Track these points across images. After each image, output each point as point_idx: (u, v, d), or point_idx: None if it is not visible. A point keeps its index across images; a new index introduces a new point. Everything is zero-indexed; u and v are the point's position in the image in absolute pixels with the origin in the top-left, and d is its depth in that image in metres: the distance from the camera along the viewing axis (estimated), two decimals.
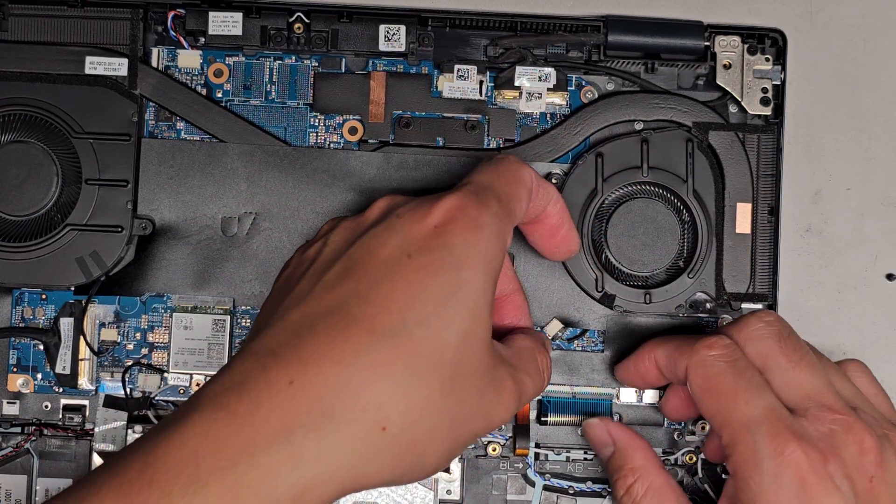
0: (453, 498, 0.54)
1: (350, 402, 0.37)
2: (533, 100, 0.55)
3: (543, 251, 0.50)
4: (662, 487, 0.48)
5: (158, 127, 0.55)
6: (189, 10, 0.54)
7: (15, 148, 0.53)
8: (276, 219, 0.54)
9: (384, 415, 0.38)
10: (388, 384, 0.38)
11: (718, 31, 0.54)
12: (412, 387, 0.38)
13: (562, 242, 0.49)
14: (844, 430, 0.44)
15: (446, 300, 0.39)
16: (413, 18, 0.54)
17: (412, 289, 0.39)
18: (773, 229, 0.54)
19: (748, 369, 0.46)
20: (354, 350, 0.38)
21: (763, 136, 0.54)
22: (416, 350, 0.39)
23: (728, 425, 0.45)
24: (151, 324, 0.54)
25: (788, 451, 0.43)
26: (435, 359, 0.39)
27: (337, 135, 0.55)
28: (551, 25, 0.54)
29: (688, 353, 0.47)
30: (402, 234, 0.41)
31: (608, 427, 0.51)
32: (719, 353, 0.46)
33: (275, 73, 0.55)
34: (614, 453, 0.50)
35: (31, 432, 0.54)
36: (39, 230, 0.53)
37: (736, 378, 0.45)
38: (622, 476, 0.49)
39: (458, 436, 0.41)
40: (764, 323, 0.47)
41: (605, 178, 0.54)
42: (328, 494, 0.37)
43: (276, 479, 0.36)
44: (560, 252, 0.49)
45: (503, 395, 0.42)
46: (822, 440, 0.43)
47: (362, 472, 0.38)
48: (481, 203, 0.42)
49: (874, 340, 0.54)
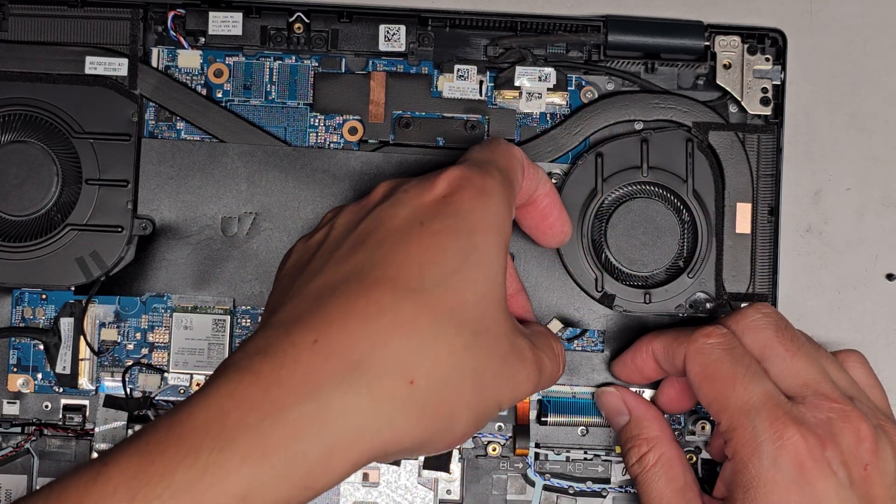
0: (453, 498, 0.54)
1: (376, 356, 0.37)
2: (533, 100, 0.55)
3: (537, 236, 0.50)
4: (673, 459, 0.49)
5: (158, 127, 0.55)
6: (189, 10, 0.54)
7: (15, 148, 0.53)
8: (276, 219, 0.54)
9: (411, 368, 0.38)
10: (414, 338, 0.38)
11: (718, 30, 0.54)
12: (438, 340, 0.38)
13: (554, 225, 0.49)
14: (841, 418, 0.44)
15: (463, 262, 0.40)
16: (413, 18, 0.54)
17: (429, 252, 0.40)
18: (773, 229, 0.54)
19: (746, 357, 0.46)
20: (378, 307, 0.38)
21: (763, 136, 0.54)
22: (439, 306, 0.39)
23: (726, 410, 0.45)
24: (151, 324, 0.54)
25: (787, 436, 0.43)
26: (458, 316, 0.39)
27: (337, 135, 0.55)
28: (551, 25, 0.54)
29: (686, 343, 0.47)
30: (411, 205, 0.42)
31: (624, 396, 0.52)
32: (717, 341, 0.47)
33: (275, 73, 0.55)
34: (629, 422, 0.51)
35: (31, 432, 0.54)
36: (39, 230, 0.53)
37: (734, 364, 0.46)
38: (636, 445, 0.50)
39: (484, 400, 0.40)
40: (762, 314, 0.48)
41: (604, 178, 0.54)
42: (358, 452, 0.37)
43: (305, 436, 0.36)
44: (553, 235, 0.50)
45: (525, 363, 0.43)
46: (819, 427, 0.44)
47: (390, 430, 0.38)
48: (485, 173, 0.43)
49: (874, 340, 0.54)
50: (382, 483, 0.53)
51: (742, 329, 0.48)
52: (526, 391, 0.43)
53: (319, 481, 0.37)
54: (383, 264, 0.40)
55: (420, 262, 0.39)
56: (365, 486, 0.53)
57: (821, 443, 0.44)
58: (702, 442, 0.54)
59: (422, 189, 0.42)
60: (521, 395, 0.43)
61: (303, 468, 0.36)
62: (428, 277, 0.39)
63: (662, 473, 0.48)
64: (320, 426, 0.36)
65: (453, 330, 0.39)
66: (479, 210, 0.41)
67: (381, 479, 0.53)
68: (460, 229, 0.41)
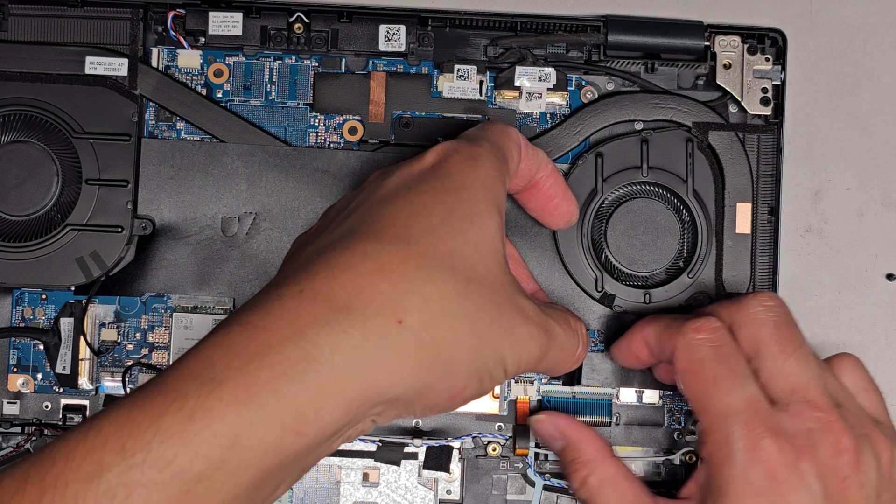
0: (453, 498, 0.54)
1: (363, 297, 0.37)
2: (533, 100, 0.55)
3: (543, 218, 0.50)
4: (616, 476, 0.48)
5: (158, 127, 0.55)
6: (189, 10, 0.54)
7: (15, 148, 0.53)
8: (276, 219, 0.54)
9: (400, 308, 0.37)
10: (401, 281, 0.38)
11: (718, 31, 0.54)
12: (426, 283, 0.38)
13: (560, 206, 0.49)
14: (823, 429, 0.44)
15: (449, 216, 0.40)
16: (413, 18, 0.54)
17: (414, 207, 0.40)
18: (773, 229, 0.54)
19: (733, 357, 0.45)
20: (361, 255, 0.38)
21: (763, 136, 0.54)
22: (426, 253, 0.39)
23: (706, 412, 0.44)
24: (152, 324, 0.54)
25: (761, 445, 0.43)
26: (447, 261, 0.39)
27: (337, 135, 0.55)
28: (551, 25, 0.54)
29: (676, 334, 0.46)
30: (400, 175, 0.43)
31: (555, 421, 0.50)
32: (705, 337, 0.46)
33: (275, 73, 0.55)
34: (566, 447, 0.50)
35: (31, 432, 0.54)
36: (39, 230, 0.53)
37: (719, 364, 0.45)
38: (576, 469, 0.49)
39: (483, 346, 0.40)
40: (764, 308, 0.46)
41: (604, 177, 0.54)
42: (350, 394, 0.36)
43: (292, 376, 0.35)
44: (560, 216, 0.49)
45: (526, 319, 0.42)
46: (798, 437, 0.43)
47: (383, 370, 0.37)
48: (474, 143, 0.43)
49: (874, 340, 0.54)
50: (382, 483, 0.53)
51: (740, 320, 0.46)
52: (531, 350, 0.42)
53: (311, 426, 0.36)
54: (368, 222, 0.40)
55: (406, 216, 0.40)
56: (365, 486, 0.53)
57: (797, 454, 0.43)
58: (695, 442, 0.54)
59: (411, 162, 0.43)
60: (525, 354, 0.42)
61: (291, 410, 0.35)
62: (414, 227, 0.39)
63: (610, 493, 0.47)
64: (307, 366, 0.36)
65: (444, 274, 0.39)
66: (467, 171, 0.42)
67: (381, 479, 0.53)
68: (447, 188, 0.41)
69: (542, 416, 0.50)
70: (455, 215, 0.40)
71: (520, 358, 0.41)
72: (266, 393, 0.35)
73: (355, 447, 0.53)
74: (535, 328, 0.42)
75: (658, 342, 0.48)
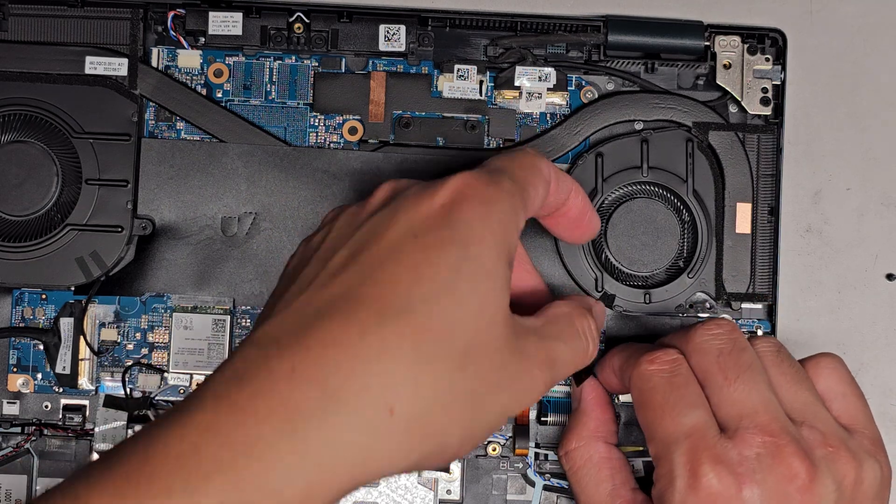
0: (453, 498, 0.54)
1: (355, 385, 0.36)
2: (533, 100, 0.55)
3: (566, 239, 0.49)
4: (601, 463, 0.48)
5: (158, 127, 0.55)
6: (189, 10, 0.54)
7: (15, 148, 0.53)
8: (276, 219, 0.54)
9: (392, 396, 0.36)
10: (395, 364, 0.36)
11: (718, 30, 0.54)
12: (420, 365, 0.37)
13: (586, 230, 0.48)
14: (771, 455, 0.43)
15: (454, 277, 0.38)
16: (413, 18, 0.54)
17: (419, 268, 0.38)
18: (773, 229, 0.54)
19: (685, 386, 0.45)
20: (360, 332, 0.37)
21: (763, 136, 0.54)
22: (424, 328, 0.37)
23: (653, 440, 0.45)
24: (151, 324, 0.54)
25: (701, 474, 0.43)
26: (445, 336, 0.37)
27: (337, 135, 0.55)
28: (551, 25, 0.54)
29: (632, 367, 0.47)
30: (408, 215, 0.40)
31: (585, 386, 0.51)
32: (658, 368, 0.46)
33: (275, 73, 0.55)
34: (574, 411, 0.51)
35: (31, 432, 0.54)
36: (39, 230, 0.53)
37: (667, 394, 0.45)
38: (567, 438, 0.50)
39: (480, 416, 0.39)
40: (710, 335, 0.46)
41: (605, 177, 0.54)
42: (339, 484, 0.36)
43: (282, 471, 0.34)
44: (584, 238, 0.49)
45: (530, 365, 0.41)
46: (742, 464, 0.43)
47: (373, 459, 0.36)
48: (491, 181, 0.40)
49: (874, 340, 0.54)
50: (382, 483, 0.53)
51: (689, 350, 0.46)
52: (537, 391, 0.41)
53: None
54: (371, 282, 0.38)
55: (409, 279, 0.38)
56: (365, 486, 0.53)
57: (737, 482, 0.42)
58: None
59: (421, 198, 0.40)
60: (532, 398, 0.41)
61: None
62: (416, 296, 0.37)
63: (591, 476, 0.48)
64: (298, 459, 0.35)
65: (442, 351, 0.37)
66: (478, 220, 0.39)
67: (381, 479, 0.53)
68: (454, 241, 0.39)
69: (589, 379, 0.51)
70: (461, 276, 0.38)
71: (522, 401, 0.41)
72: (254, 491, 0.34)
73: None
74: (538, 368, 0.41)
75: (621, 372, 0.49)
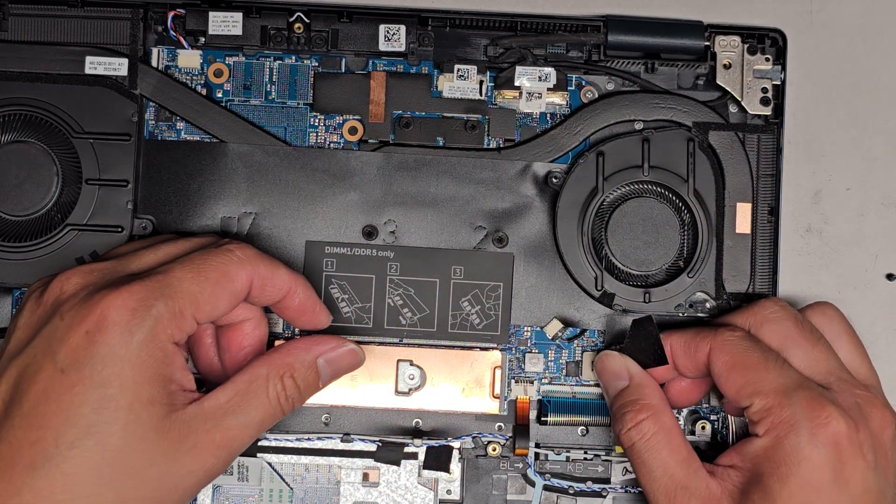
0: (453, 498, 0.54)
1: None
2: (533, 100, 0.55)
3: (294, 325, 0.52)
4: (673, 430, 0.49)
5: (158, 127, 0.55)
6: (189, 10, 0.54)
7: (15, 148, 0.53)
8: (276, 219, 0.54)
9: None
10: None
11: (718, 30, 0.55)
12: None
13: (311, 320, 0.50)
14: (868, 404, 0.47)
15: (97, 419, 0.42)
16: (413, 18, 0.54)
17: (67, 410, 0.42)
18: (773, 229, 0.54)
19: (771, 349, 0.48)
20: (17, 489, 0.41)
21: (763, 136, 0.55)
22: (74, 473, 0.41)
23: (759, 393, 0.46)
24: None
25: (825, 416, 0.45)
26: (93, 479, 0.41)
27: (337, 135, 0.55)
28: (551, 25, 0.54)
29: (709, 338, 0.49)
30: (59, 343, 0.43)
31: (626, 361, 0.51)
32: (742, 335, 0.49)
33: (275, 73, 0.55)
34: (628, 387, 0.50)
35: None
36: (39, 230, 0.53)
37: (765, 352, 0.48)
38: (634, 410, 0.49)
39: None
40: (780, 306, 0.50)
41: (605, 177, 0.54)
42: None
43: None
44: (314, 326, 0.51)
45: (201, 455, 0.44)
46: (851, 410, 0.46)
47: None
48: (141, 306, 0.43)
49: (874, 340, 0.54)
50: (382, 483, 0.53)
51: (759, 321, 0.49)
52: (216, 472, 0.45)
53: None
54: (27, 426, 0.42)
55: (58, 423, 0.42)
56: (365, 486, 0.53)
57: (855, 425, 0.46)
58: (703, 443, 0.54)
59: (73, 320, 0.43)
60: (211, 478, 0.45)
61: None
62: (64, 442, 0.41)
63: (665, 443, 0.48)
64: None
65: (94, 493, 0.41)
66: (117, 354, 0.43)
67: (381, 479, 0.53)
68: (94, 382, 0.42)
69: (614, 352, 0.52)
70: (102, 417, 0.42)
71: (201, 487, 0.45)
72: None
73: (355, 447, 0.53)
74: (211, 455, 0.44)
75: (688, 348, 0.50)
